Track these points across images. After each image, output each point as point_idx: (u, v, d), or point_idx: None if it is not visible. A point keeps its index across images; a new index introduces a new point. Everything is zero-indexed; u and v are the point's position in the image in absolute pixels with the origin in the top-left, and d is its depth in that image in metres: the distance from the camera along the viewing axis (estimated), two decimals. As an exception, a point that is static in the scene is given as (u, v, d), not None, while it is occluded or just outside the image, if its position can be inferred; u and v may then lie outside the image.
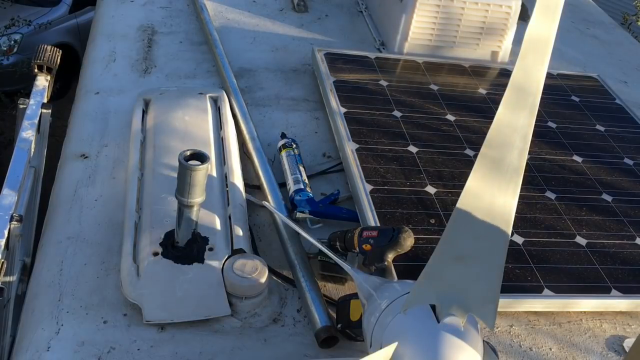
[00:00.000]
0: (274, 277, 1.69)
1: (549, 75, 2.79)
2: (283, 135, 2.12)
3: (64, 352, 1.43)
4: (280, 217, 1.79)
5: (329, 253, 1.56)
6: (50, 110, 2.24)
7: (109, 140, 2.10)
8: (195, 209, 1.52)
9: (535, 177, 2.13)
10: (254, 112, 2.34)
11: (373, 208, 1.84)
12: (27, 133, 2.03)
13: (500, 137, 1.16)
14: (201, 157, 1.46)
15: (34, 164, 2.09)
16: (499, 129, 1.16)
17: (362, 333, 1.37)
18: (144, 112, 2.11)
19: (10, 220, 1.71)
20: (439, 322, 1.19)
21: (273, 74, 2.62)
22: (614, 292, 1.73)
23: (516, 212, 1.15)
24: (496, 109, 1.17)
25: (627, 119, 2.58)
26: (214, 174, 1.84)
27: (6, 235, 1.67)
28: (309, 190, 1.92)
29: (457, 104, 2.45)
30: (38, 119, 2.13)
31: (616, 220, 1.99)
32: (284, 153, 2.04)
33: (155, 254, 1.57)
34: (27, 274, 1.93)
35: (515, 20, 2.77)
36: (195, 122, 2.02)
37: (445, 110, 2.40)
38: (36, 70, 2.34)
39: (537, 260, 1.78)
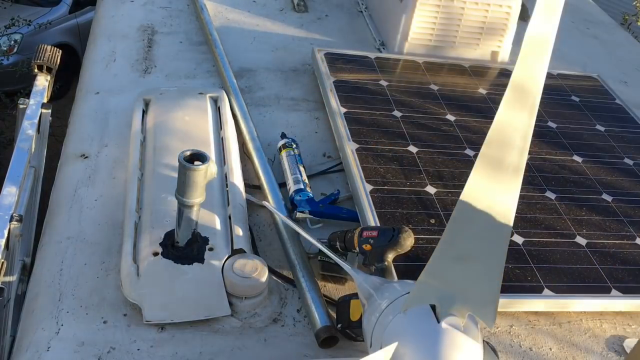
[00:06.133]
0: (274, 277, 1.69)
1: (549, 75, 2.79)
2: (283, 135, 2.12)
3: (64, 352, 1.43)
4: (280, 217, 1.79)
5: (329, 253, 1.56)
6: (50, 110, 2.24)
7: (109, 140, 2.10)
8: (195, 209, 1.52)
9: (535, 177, 2.13)
10: (254, 112, 2.34)
11: (373, 208, 1.84)
12: (27, 133, 2.03)
13: (500, 137, 1.16)
14: (201, 157, 1.46)
15: (34, 164, 2.09)
16: (499, 129, 1.16)
17: (362, 333, 1.37)
18: (144, 112, 2.11)
19: (10, 220, 1.71)
20: (439, 322, 1.19)
21: (273, 74, 2.62)
22: (614, 292, 1.73)
23: (516, 212, 1.15)
24: (496, 109, 1.17)
25: (627, 119, 2.58)
26: (214, 174, 1.84)
27: (6, 235, 1.67)
28: (309, 190, 1.92)
29: (457, 104, 2.45)
30: (38, 119, 2.13)
31: (616, 220, 1.99)
32: (284, 153, 2.04)
33: (155, 254, 1.58)
34: (27, 274, 1.93)
35: (515, 20, 2.77)
36: (195, 122, 2.02)
37: (445, 110, 2.40)
38: (36, 70, 2.34)
39: (537, 260, 1.78)
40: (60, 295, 1.56)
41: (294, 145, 2.07)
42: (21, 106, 2.33)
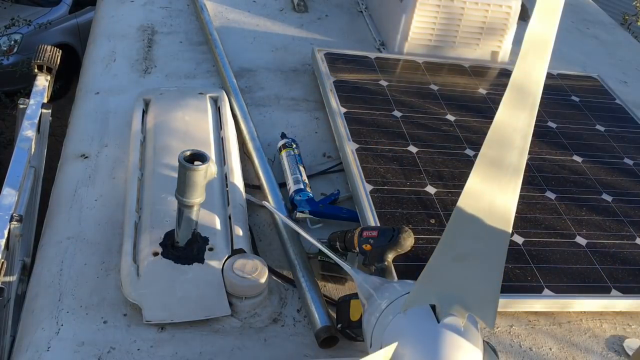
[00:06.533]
0: (274, 277, 1.69)
1: (549, 75, 2.79)
2: (283, 135, 2.12)
3: (64, 352, 1.43)
4: (280, 217, 1.79)
5: (329, 253, 1.56)
6: (50, 110, 2.24)
7: (109, 140, 2.10)
8: (195, 209, 1.52)
9: (535, 177, 2.13)
10: (254, 112, 2.34)
11: (373, 208, 1.84)
12: (27, 133, 2.03)
13: (500, 137, 1.16)
14: (201, 157, 1.46)
15: (34, 164, 2.09)
16: (499, 129, 1.16)
17: (362, 333, 1.37)
18: (144, 112, 2.11)
19: (10, 220, 1.71)
20: (439, 322, 1.19)
21: (273, 74, 2.62)
22: (614, 292, 1.73)
23: (516, 212, 1.15)
24: (496, 109, 1.17)
25: (627, 119, 2.58)
26: (214, 174, 1.84)
27: (6, 235, 1.67)
28: (309, 190, 1.92)
29: (457, 104, 2.45)
30: (38, 119, 2.13)
31: (616, 220, 1.99)
32: (284, 153, 2.04)
33: (155, 254, 1.58)
34: (27, 274, 1.93)
35: (515, 20, 2.77)
36: (195, 122, 2.02)
37: (445, 110, 2.40)
38: (36, 70, 2.34)
39: (537, 260, 1.78)
40: (60, 295, 1.56)
41: (294, 145, 2.07)
42: (21, 106, 2.33)
